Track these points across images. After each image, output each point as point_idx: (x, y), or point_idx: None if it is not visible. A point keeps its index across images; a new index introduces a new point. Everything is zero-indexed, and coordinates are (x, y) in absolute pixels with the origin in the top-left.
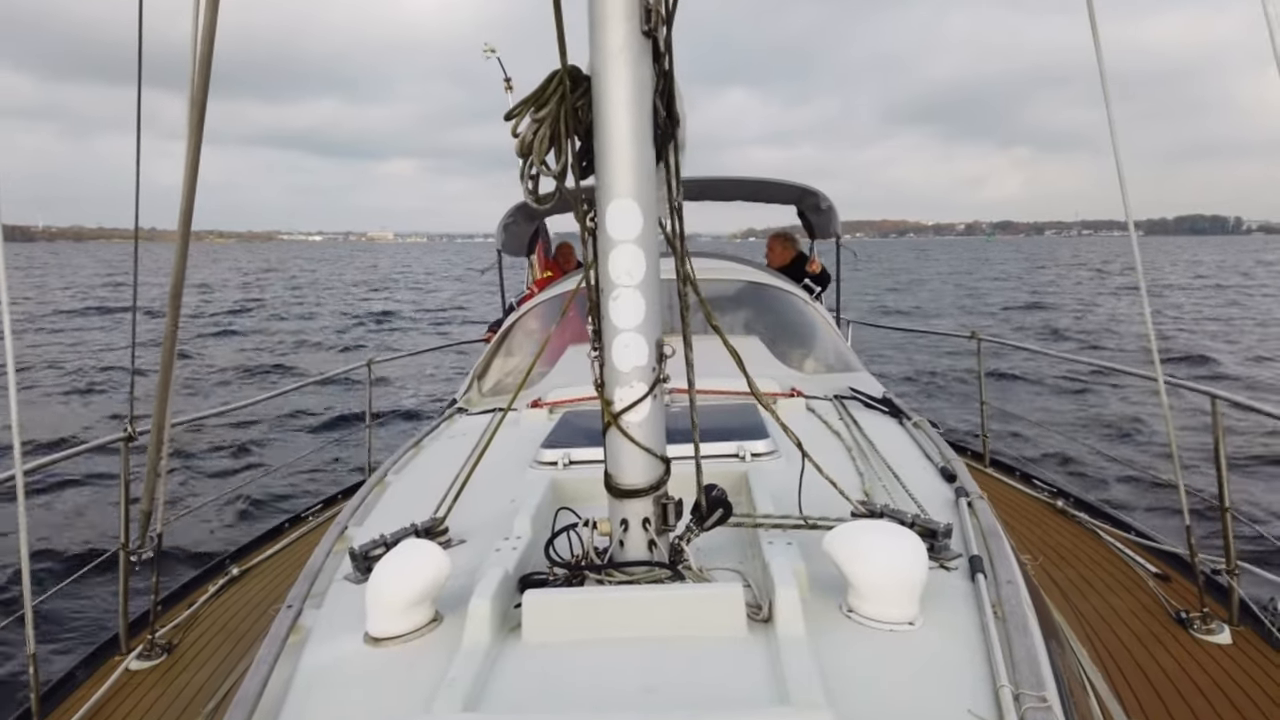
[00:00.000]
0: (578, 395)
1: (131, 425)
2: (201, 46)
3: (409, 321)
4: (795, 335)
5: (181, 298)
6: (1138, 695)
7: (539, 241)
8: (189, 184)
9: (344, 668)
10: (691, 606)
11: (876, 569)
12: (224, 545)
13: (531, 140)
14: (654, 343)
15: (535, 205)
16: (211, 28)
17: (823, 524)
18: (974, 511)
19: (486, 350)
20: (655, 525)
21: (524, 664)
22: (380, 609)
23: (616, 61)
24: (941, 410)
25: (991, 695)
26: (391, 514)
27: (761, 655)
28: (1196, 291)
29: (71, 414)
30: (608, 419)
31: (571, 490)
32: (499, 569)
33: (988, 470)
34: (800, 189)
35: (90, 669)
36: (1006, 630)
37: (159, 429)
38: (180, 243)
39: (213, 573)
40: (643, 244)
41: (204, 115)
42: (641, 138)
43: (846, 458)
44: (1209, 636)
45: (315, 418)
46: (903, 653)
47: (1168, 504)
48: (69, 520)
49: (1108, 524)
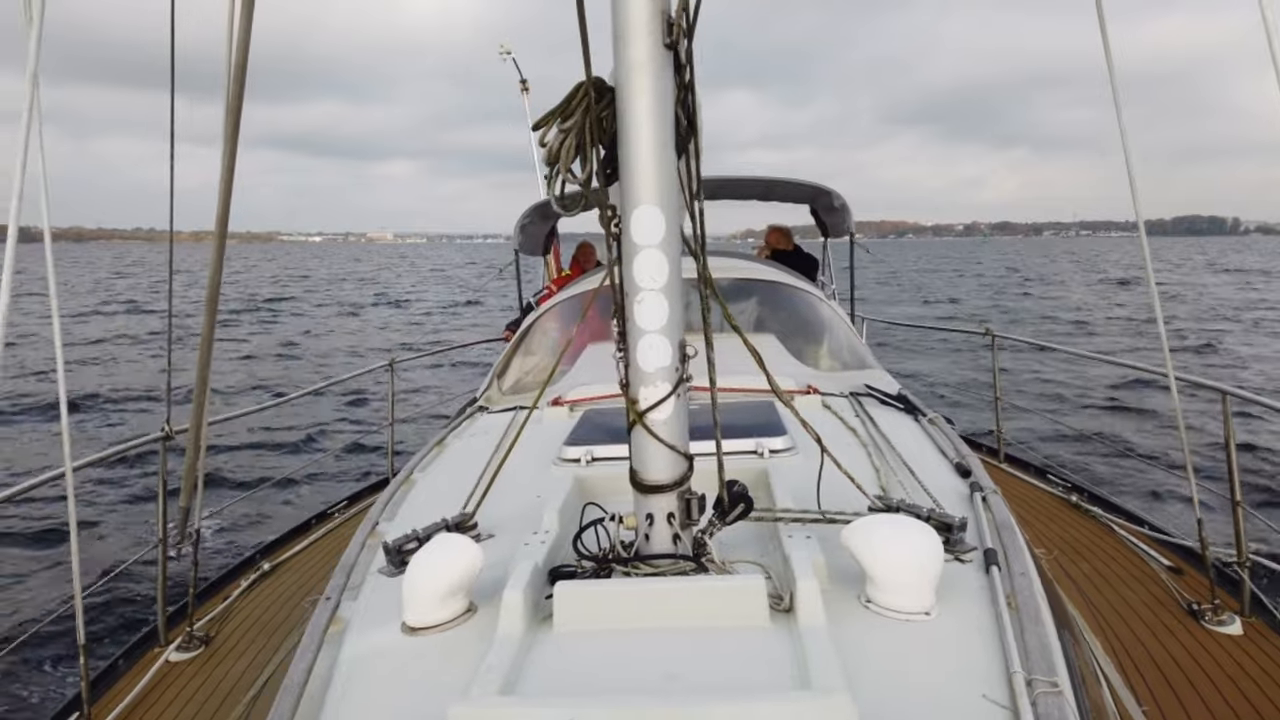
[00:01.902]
0: (598, 393)
1: (169, 425)
2: (237, 54)
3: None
4: (810, 333)
5: (218, 301)
6: (1150, 685)
7: (554, 241)
8: (224, 190)
9: (383, 656)
10: (716, 597)
11: (894, 561)
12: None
13: (559, 149)
14: (677, 343)
15: (561, 211)
16: (246, 35)
17: (840, 518)
18: (988, 506)
19: (506, 349)
20: (679, 520)
21: (556, 652)
22: (417, 600)
23: (640, 74)
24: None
25: (1005, 682)
26: (420, 509)
27: (784, 644)
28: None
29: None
30: (633, 417)
31: (595, 486)
32: (529, 561)
33: (1002, 466)
34: (813, 188)
35: (131, 660)
36: (1020, 620)
37: (197, 428)
38: (217, 246)
39: (244, 567)
40: (665, 249)
41: (239, 121)
42: (664, 146)
43: (863, 454)
44: (1220, 628)
45: (337, 415)
46: (919, 641)
47: (1180, 496)
48: (100, 517)
49: (1121, 518)
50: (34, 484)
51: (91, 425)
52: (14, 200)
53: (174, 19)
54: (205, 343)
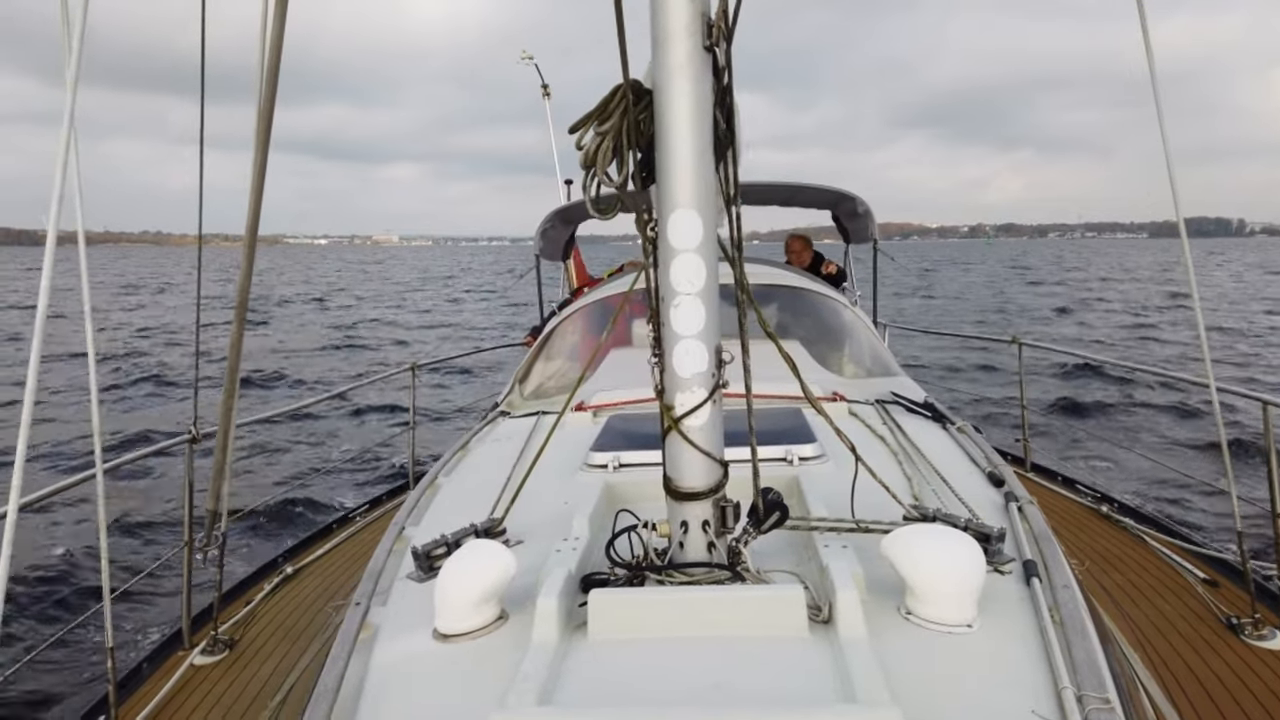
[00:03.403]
0: (622, 399)
1: (195, 427)
2: (269, 57)
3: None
4: (835, 340)
5: (247, 304)
6: (1192, 701)
7: (574, 247)
8: (255, 193)
9: (416, 663)
10: (754, 607)
11: (935, 572)
12: (269, 544)
13: (595, 152)
14: (714, 349)
15: (597, 215)
16: (279, 38)
17: (876, 528)
18: (1024, 516)
19: (528, 354)
20: (714, 527)
21: (591, 661)
22: (449, 606)
23: (679, 76)
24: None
25: (1054, 697)
26: (446, 515)
27: (824, 655)
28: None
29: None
30: (668, 423)
31: (625, 493)
32: (562, 569)
33: (1029, 475)
34: (836, 193)
35: (156, 663)
36: (1065, 633)
37: (224, 431)
38: (247, 250)
39: (268, 570)
40: (703, 253)
41: (270, 126)
42: (702, 150)
43: (893, 462)
44: (1262, 642)
45: (360, 419)
46: (963, 654)
47: (1208, 508)
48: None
49: (1153, 529)
50: (65, 485)
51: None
52: (53, 205)
53: (204, 23)
54: (234, 346)
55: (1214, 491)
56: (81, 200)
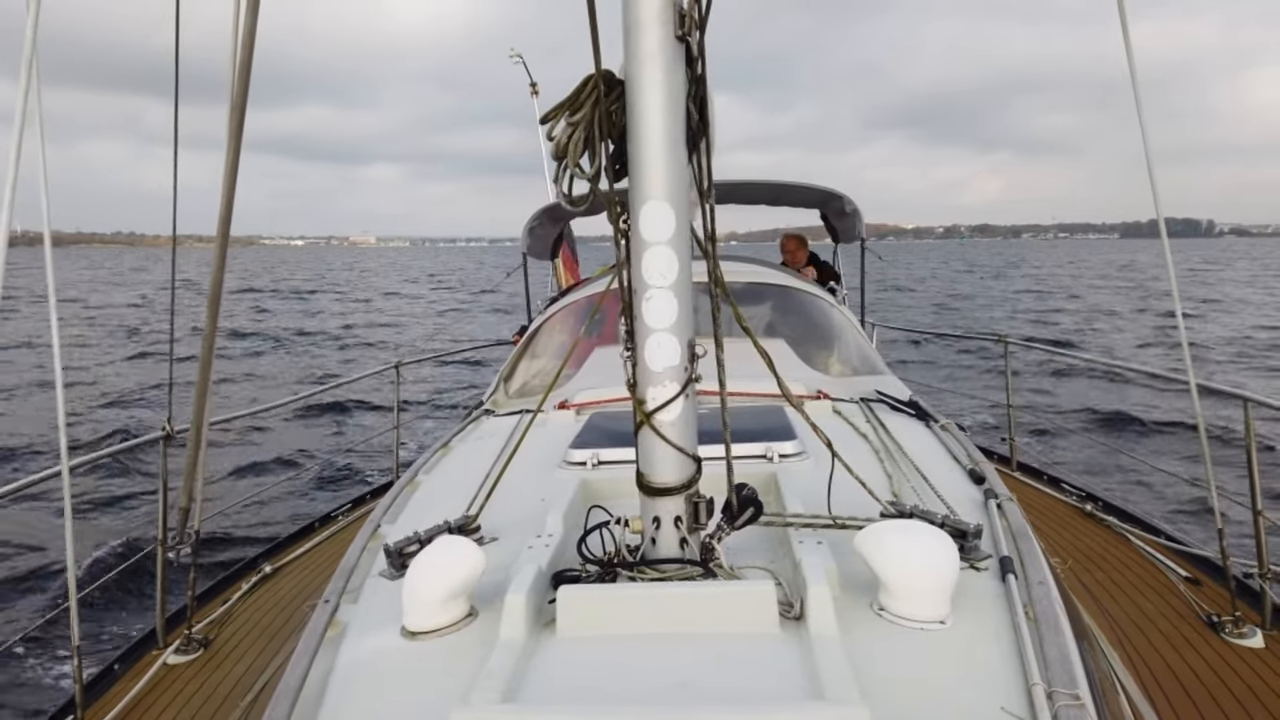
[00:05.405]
0: (605, 397)
1: (170, 424)
2: (241, 54)
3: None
4: (820, 338)
5: (220, 301)
6: (1170, 698)
7: (564, 245)
8: (228, 191)
9: (382, 660)
10: (724, 603)
11: (909, 568)
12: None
13: (566, 143)
14: (686, 343)
15: (569, 207)
16: (251, 36)
17: (852, 524)
18: (1003, 513)
19: (513, 353)
20: (687, 523)
21: (559, 658)
22: (417, 603)
23: (650, 66)
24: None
25: (1024, 694)
26: (423, 512)
27: (794, 652)
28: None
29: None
30: (640, 418)
31: (601, 490)
32: (533, 565)
33: (1015, 474)
34: (824, 192)
35: (128, 663)
36: (1038, 630)
37: (198, 428)
38: (219, 248)
39: (246, 570)
40: (675, 245)
41: (243, 122)
42: (674, 141)
43: (874, 459)
44: (1241, 640)
45: (342, 417)
46: (935, 651)
47: (1194, 507)
48: (98, 516)
49: (1137, 527)
50: (31, 481)
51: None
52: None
53: (178, 23)
54: (207, 342)
55: (1197, 489)
56: (47, 197)
